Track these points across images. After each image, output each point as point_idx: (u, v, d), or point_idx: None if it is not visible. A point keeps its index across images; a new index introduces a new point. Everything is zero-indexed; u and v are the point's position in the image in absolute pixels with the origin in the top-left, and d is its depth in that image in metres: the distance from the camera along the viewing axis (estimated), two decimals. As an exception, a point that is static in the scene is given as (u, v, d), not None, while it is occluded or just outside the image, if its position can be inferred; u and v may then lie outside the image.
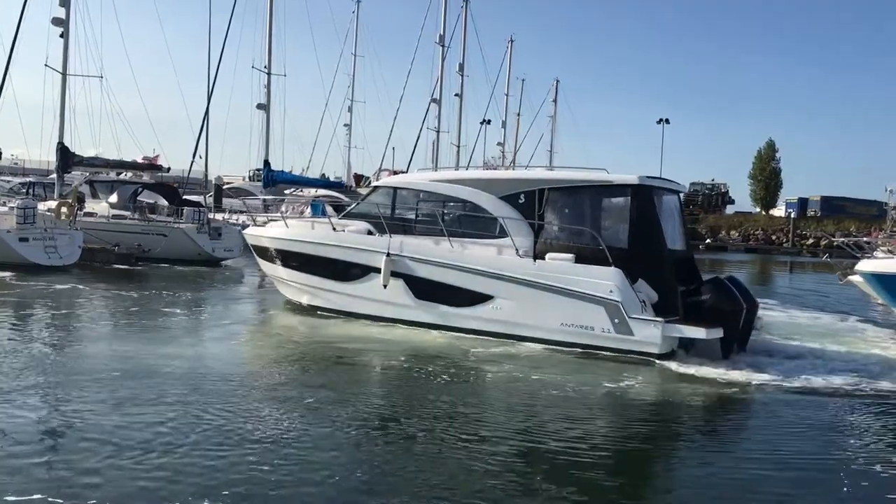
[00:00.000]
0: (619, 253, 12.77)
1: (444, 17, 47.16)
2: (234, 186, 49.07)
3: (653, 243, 12.89)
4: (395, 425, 8.36)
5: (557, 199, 13.62)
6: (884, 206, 62.80)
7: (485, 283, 13.58)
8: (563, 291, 12.78)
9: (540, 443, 7.94)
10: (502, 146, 62.59)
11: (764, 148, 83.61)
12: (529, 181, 14.11)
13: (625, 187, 13.12)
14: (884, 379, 11.65)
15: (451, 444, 7.67)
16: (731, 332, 12.28)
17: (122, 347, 11.86)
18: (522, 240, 13.59)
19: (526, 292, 13.15)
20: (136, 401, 8.62)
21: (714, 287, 12.61)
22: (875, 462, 7.78)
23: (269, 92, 40.59)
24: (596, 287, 12.46)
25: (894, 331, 16.99)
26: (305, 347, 12.76)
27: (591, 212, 13.54)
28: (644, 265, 12.70)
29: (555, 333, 12.91)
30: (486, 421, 8.73)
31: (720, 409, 10.12)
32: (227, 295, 20.44)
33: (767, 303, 23.55)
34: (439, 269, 14.06)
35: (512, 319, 13.34)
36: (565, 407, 9.43)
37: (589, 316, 12.54)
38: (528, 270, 13.19)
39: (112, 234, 26.42)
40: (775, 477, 7.23)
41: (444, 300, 14.07)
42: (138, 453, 6.94)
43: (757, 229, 75.00)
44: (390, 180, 17.12)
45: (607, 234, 13.19)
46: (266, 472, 6.69)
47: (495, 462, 7.20)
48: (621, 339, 12.32)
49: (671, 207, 14.16)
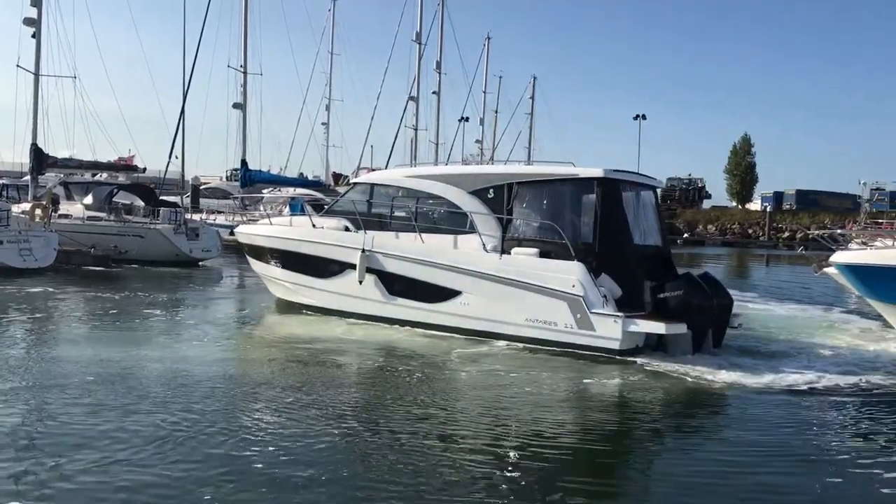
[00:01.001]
0: (583, 247, 12.66)
1: (420, 15, 47.05)
2: (211, 187, 48.78)
3: (617, 237, 12.76)
4: (362, 426, 8.22)
5: (525, 194, 13.55)
6: (857, 198, 63.49)
7: (452, 279, 13.56)
8: (526, 286, 12.65)
9: (510, 441, 7.90)
10: (480, 143, 62.61)
11: (739, 143, 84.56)
12: (497, 176, 14.10)
13: (590, 181, 12.97)
14: (859, 373, 11.51)
15: (423, 446, 7.58)
16: (699, 328, 12.06)
17: (96, 351, 11.70)
18: (490, 235, 13.53)
19: (492, 287, 13.08)
20: (109, 405, 8.49)
21: (682, 282, 12.39)
22: (843, 457, 7.72)
23: (245, 91, 40.21)
24: (558, 282, 12.32)
25: (870, 321, 17.21)
26: (283, 347, 12.65)
27: (557, 206, 13.38)
28: (608, 259, 12.55)
29: (520, 329, 12.79)
30: (459, 420, 8.70)
31: (679, 405, 9.91)
32: (205, 296, 20.26)
33: (746, 296, 23.84)
34: (410, 264, 14.11)
35: (479, 315, 13.26)
36: (531, 406, 9.32)
37: (552, 311, 12.38)
38: (494, 265, 13.12)
39: (88, 235, 26.14)
40: (744, 474, 7.17)
41: (415, 296, 14.09)
42: (113, 458, 6.85)
43: (733, 223, 75.66)
44: (367, 177, 17.21)
45: (572, 228, 13.03)
46: (245, 474, 6.64)
47: (469, 462, 7.17)
48: (583, 334, 12.13)
49: (644, 202, 14.05)
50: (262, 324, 15.62)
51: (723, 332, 12.78)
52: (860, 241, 17.77)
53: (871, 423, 9.25)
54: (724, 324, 12.80)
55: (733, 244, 67.89)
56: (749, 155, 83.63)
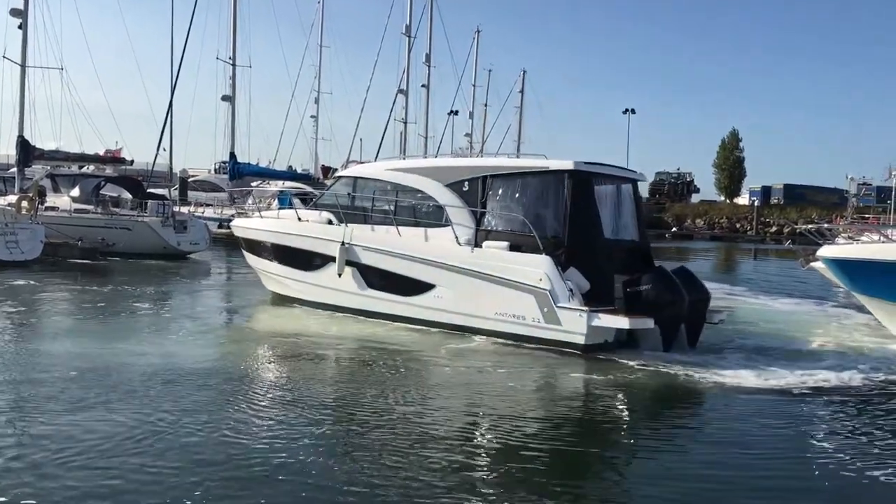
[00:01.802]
0: (552, 240, 12.52)
1: (409, 8, 46.98)
2: (199, 179, 48.58)
3: (587, 231, 12.56)
4: (337, 423, 8.18)
5: (498, 186, 13.45)
6: (844, 193, 63.88)
7: (427, 272, 13.52)
8: (496, 280, 12.56)
9: (484, 437, 7.84)
10: (470, 137, 62.53)
11: (727, 137, 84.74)
12: (472, 168, 14.05)
13: (560, 173, 12.81)
14: (835, 371, 11.26)
15: (402, 444, 7.48)
16: (669, 324, 11.84)
17: (80, 345, 11.62)
18: (464, 227, 13.45)
19: (464, 281, 13.02)
20: (89, 400, 8.41)
21: (650, 277, 12.06)
22: (813, 458, 7.55)
23: (234, 83, 40.16)
24: (526, 275, 12.18)
25: (860, 315, 17.33)
26: (268, 342, 12.58)
27: (529, 198, 13.22)
28: (577, 253, 12.36)
29: (490, 323, 12.69)
30: (437, 416, 8.68)
31: (658, 402, 9.76)
32: (192, 289, 20.19)
33: (735, 290, 24.01)
34: (387, 257, 14.10)
35: (452, 308, 13.20)
36: (505, 402, 9.23)
37: (521, 305, 12.25)
38: (465, 259, 13.05)
39: (75, 228, 25.99)
40: (724, 473, 7.11)
41: (392, 289, 14.09)
42: (96, 454, 6.80)
43: (722, 217, 76.04)
44: (350, 170, 17.30)
45: (542, 221, 12.84)
46: (225, 469, 6.62)
47: (447, 459, 7.15)
48: (550, 329, 11.96)
49: (621, 196, 13.87)
50: (248, 318, 15.58)
51: (698, 329, 12.48)
52: (847, 236, 17.82)
53: (851, 420, 9.17)
54: (700, 320, 12.51)
55: (721, 238, 68.25)
56: (737, 149, 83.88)
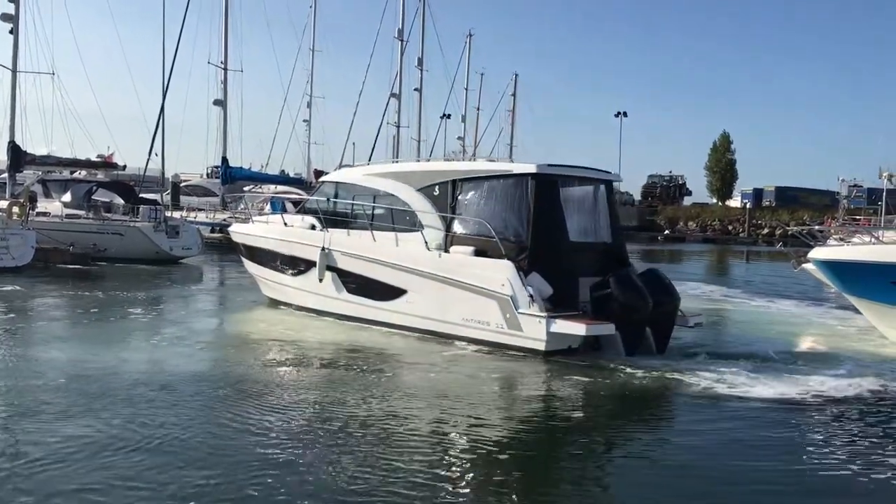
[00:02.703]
0: (515, 244, 12.39)
1: (402, 12, 47.07)
2: (191, 184, 48.46)
3: (551, 234, 12.40)
4: (320, 427, 8.15)
5: (467, 191, 13.41)
6: (836, 195, 64.13)
7: (398, 277, 13.55)
8: (461, 285, 12.52)
9: (451, 445, 7.73)
10: (462, 140, 62.68)
11: (719, 140, 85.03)
12: (442, 173, 14.02)
13: (524, 177, 12.67)
14: (820, 375, 10.99)
15: (368, 448, 7.45)
16: (631, 329, 11.60)
17: (70, 351, 11.55)
18: (434, 233, 13.43)
19: (433, 286, 13.00)
20: (78, 406, 8.36)
21: (612, 281, 11.79)
22: (764, 467, 7.43)
23: (225, 88, 40.18)
24: (489, 281, 12.10)
25: (851, 317, 17.39)
26: (254, 348, 12.53)
27: (494, 203, 13.10)
28: (540, 257, 12.19)
29: (458, 328, 12.66)
30: (411, 421, 8.66)
31: (602, 408, 9.58)
32: (184, 295, 20.13)
33: (727, 292, 24.10)
34: (363, 262, 14.17)
35: (423, 314, 13.19)
36: (458, 408, 9.15)
37: (485, 310, 12.16)
38: (434, 264, 13.04)
39: (66, 233, 25.89)
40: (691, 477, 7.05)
41: (368, 294, 14.16)
42: (85, 460, 6.78)
43: (714, 220, 76.30)
44: (332, 175, 17.49)
45: (507, 225, 12.71)
46: (209, 477, 6.61)
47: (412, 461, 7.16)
48: (513, 335, 11.85)
49: (591, 198, 13.73)
50: (239, 323, 15.49)
51: (667, 333, 12.20)
52: (838, 238, 17.91)
53: (834, 427, 8.93)
54: (668, 324, 12.23)
55: (714, 241, 68.41)
56: (729, 152, 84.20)
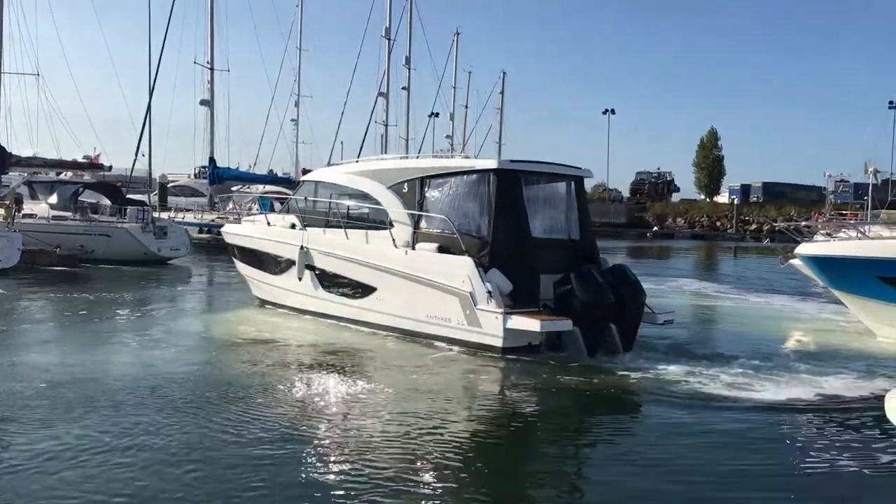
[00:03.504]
0: (476, 241, 12.37)
1: (389, 11, 46.98)
2: (179, 184, 48.25)
3: (513, 231, 12.35)
4: (297, 427, 8.15)
5: (434, 188, 13.42)
6: (823, 190, 64.49)
7: (369, 275, 13.62)
8: (425, 282, 12.54)
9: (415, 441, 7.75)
10: (451, 139, 62.66)
11: (707, 136, 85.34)
12: (410, 170, 14.05)
13: (485, 173, 12.65)
14: (805, 372, 10.92)
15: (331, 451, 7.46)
16: (592, 326, 11.50)
17: (58, 354, 11.47)
18: (402, 230, 13.46)
19: (400, 283, 13.03)
20: (61, 410, 8.31)
21: (576, 278, 11.65)
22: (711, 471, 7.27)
23: (212, 88, 39.90)
24: (450, 277, 12.11)
25: (835, 308, 17.50)
26: (241, 348, 12.44)
27: (458, 199, 13.08)
28: (501, 253, 12.14)
29: (423, 326, 12.68)
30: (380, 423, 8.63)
31: (558, 405, 9.51)
32: (172, 295, 20.02)
33: (714, 287, 24.20)
34: (337, 261, 14.27)
35: (391, 311, 13.24)
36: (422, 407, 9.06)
37: (447, 307, 12.18)
38: (400, 261, 13.08)
39: (53, 235, 25.75)
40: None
41: (343, 292, 14.27)
42: (66, 464, 6.74)
43: (702, 216, 76.54)
44: (312, 174, 17.63)
45: (470, 222, 12.70)
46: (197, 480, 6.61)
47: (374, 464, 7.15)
48: (473, 331, 11.85)
49: (559, 194, 13.62)
50: (226, 324, 15.24)
51: (632, 330, 12.03)
52: (825, 233, 18.03)
53: (815, 429, 8.73)
54: (633, 321, 12.08)
55: (702, 237, 68.69)
56: (716, 148, 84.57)
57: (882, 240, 14.62)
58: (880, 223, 19.38)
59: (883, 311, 14.22)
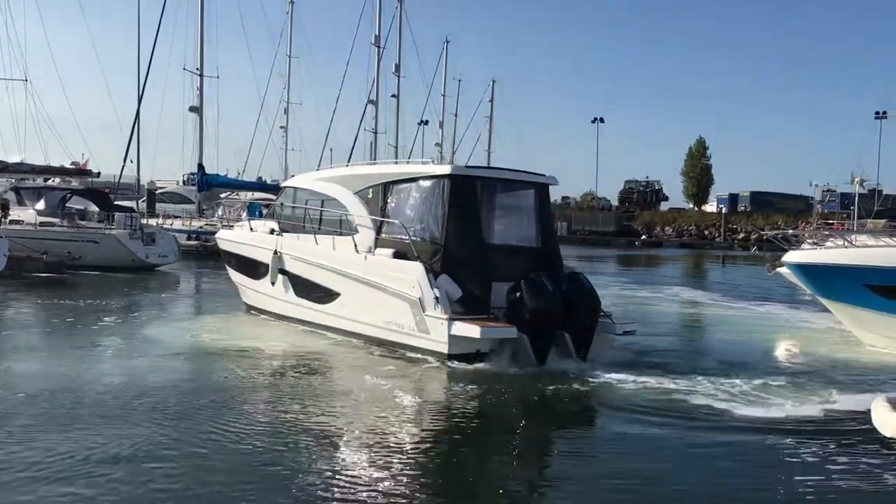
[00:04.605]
0: (429, 246, 12.34)
1: (378, 19, 46.91)
2: (167, 191, 48.05)
3: (465, 237, 12.23)
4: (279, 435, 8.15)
5: (394, 193, 13.47)
6: (810, 200, 64.89)
7: (333, 280, 13.66)
8: (381, 288, 12.53)
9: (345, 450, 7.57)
10: (440, 147, 62.75)
11: (695, 146, 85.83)
12: (374, 175, 14.14)
13: (440, 178, 12.61)
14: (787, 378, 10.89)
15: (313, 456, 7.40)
16: (540, 334, 11.28)
17: (44, 362, 11.32)
18: (365, 236, 13.48)
19: (360, 289, 13.03)
20: (49, 420, 8.17)
21: (525, 285, 11.44)
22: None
23: (201, 94, 39.80)
24: (402, 283, 12.07)
25: (820, 316, 17.57)
26: (227, 356, 12.28)
27: (415, 205, 13.10)
28: (453, 259, 12.07)
29: (380, 332, 12.65)
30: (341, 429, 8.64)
31: (488, 417, 9.28)
32: (160, 302, 19.86)
33: (705, 296, 24.26)
34: (304, 265, 14.38)
35: (352, 317, 13.26)
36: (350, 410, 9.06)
37: (399, 313, 12.13)
38: (359, 267, 13.08)
39: (40, 241, 25.51)
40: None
41: (310, 297, 14.34)
42: (53, 473, 6.71)
43: (690, 225, 76.91)
44: (290, 181, 17.89)
45: (424, 227, 12.67)
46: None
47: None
48: (422, 337, 11.77)
49: (518, 201, 13.60)
50: (211, 331, 14.80)
51: (587, 338, 11.76)
52: (812, 242, 18.11)
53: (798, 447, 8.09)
54: (588, 329, 11.78)
55: (690, 245, 69.02)
56: (704, 157, 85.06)
57: (869, 248, 14.71)
58: (867, 232, 19.48)
59: (869, 318, 14.29)
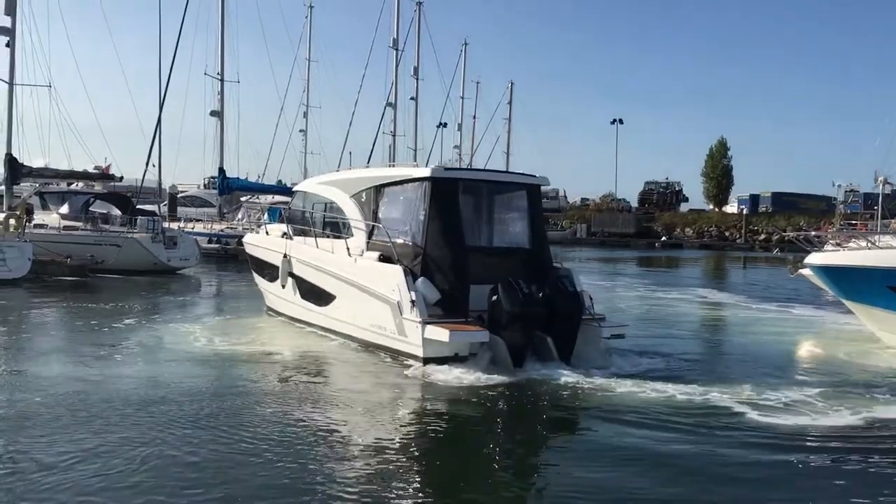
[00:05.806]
0: (411, 249, 12.35)
1: (397, 22, 47.01)
2: (188, 195, 48.46)
3: (445, 239, 12.14)
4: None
5: (385, 196, 13.51)
6: (832, 200, 64.29)
7: (329, 283, 13.85)
8: (367, 290, 12.60)
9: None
10: (459, 149, 62.83)
11: (716, 146, 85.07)
12: (367, 179, 14.16)
13: (421, 181, 12.59)
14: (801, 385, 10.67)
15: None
16: (517, 337, 11.09)
17: (68, 365, 11.42)
18: (358, 238, 13.60)
19: (351, 292, 13.16)
20: (72, 423, 8.24)
21: (501, 288, 11.21)
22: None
23: (222, 98, 40.08)
24: (384, 286, 12.10)
25: (845, 318, 17.40)
26: (251, 361, 12.22)
27: (399, 208, 13.16)
28: (432, 262, 12.03)
29: (365, 333, 12.74)
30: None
31: (458, 420, 9.22)
32: (182, 305, 20.01)
33: (726, 297, 24.09)
34: (307, 268, 14.64)
35: (346, 319, 13.37)
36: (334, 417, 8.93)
37: (382, 316, 12.18)
38: (350, 270, 13.19)
39: (64, 245, 25.86)
40: None
41: (312, 299, 14.59)
42: (76, 476, 6.78)
43: (711, 226, 76.30)
44: (301, 184, 18.13)
45: (408, 230, 12.68)
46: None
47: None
48: (401, 340, 11.76)
49: (505, 203, 13.53)
50: (233, 335, 15.02)
51: (570, 342, 11.50)
52: (834, 243, 17.95)
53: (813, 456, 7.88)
54: (570, 332, 11.53)
55: (711, 247, 68.50)
56: (725, 158, 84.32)
57: (892, 249, 14.54)
58: (890, 233, 19.27)
59: (893, 320, 14.14)
